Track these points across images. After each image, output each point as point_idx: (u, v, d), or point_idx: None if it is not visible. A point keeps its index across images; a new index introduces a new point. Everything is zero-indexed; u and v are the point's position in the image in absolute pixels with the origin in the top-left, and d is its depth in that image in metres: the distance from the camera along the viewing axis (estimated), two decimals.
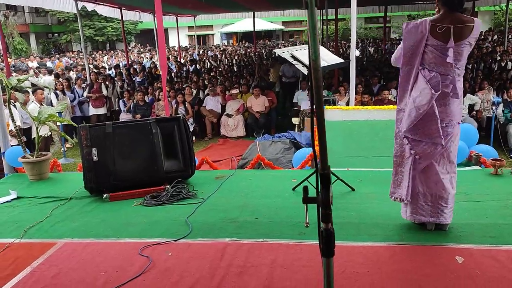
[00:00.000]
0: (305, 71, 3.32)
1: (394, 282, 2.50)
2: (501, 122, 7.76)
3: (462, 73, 2.80)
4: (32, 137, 6.86)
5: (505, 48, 15.59)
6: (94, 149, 4.00)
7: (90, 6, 12.57)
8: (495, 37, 21.67)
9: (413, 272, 2.58)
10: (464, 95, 7.49)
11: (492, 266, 2.59)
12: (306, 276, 2.59)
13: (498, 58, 13.52)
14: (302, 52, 3.49)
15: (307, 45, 3.83)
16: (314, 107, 1.01)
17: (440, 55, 2.70)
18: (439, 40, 2.69)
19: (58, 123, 6.40)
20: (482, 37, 20.78)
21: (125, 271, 2.75)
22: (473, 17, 2.87)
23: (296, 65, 3.39)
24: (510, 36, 19.14)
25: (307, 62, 3.38)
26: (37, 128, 4.66)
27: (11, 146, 5.12)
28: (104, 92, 10.54)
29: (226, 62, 18.79)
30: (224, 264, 2.77)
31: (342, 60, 3.63)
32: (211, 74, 13.32)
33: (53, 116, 4.60)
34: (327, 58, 3.46)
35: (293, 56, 3.40)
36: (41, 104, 7.17)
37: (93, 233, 3.31)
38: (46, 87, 8.37)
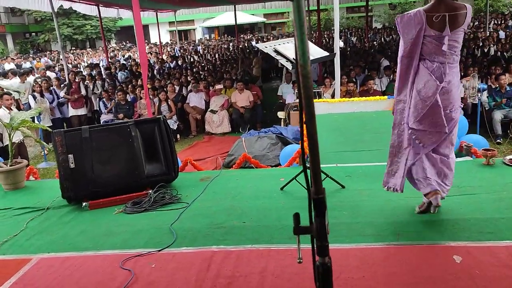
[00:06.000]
0: (289, 65, 3.15)
1: (391, 286, 2.38)
2: (486, 109, 7.71)
3: (458, 58, 2.85)
4: (5, 144, 6.55)
5: (487, 34, 15.61)
6: (70, 156, 3.78)
7: (66, 4, 12.19)
8: (476, 22, 21.71)
9: (410, 275, 2.45)
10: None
11: (492, 265, 2.47)
12: (299, 285, 2.45)
13: (481, 44, 13.51)
14: (285, 46, 3.32)
15: (290, 39, 3.68)
16: (303, 117, 0.85)
17: (438, 44, 2.73)
18: (436, 30, 2.71)
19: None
20: None
21: (106, 287, 2.58)
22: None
23: (279, 60, 3.22)
24: (490, 22, 19.21)
25: (290, 57, 3.22)
26: (9, 134, 4.41)
27: None
28: (83, 92, 10.22)
29: (209, 57, 18.49)
30: (212, 274, 2.61)
31: (328, 53, 3.47)
32: (194, 69, 13.05)
33: (26, 122, 4.35)
34: (313, 51, 3.30)
35: (276, 51, 3.23)
36: (10, 109, 6.84)
37: (71, 246, 3.11)
38: (17, 91, 7.99)
